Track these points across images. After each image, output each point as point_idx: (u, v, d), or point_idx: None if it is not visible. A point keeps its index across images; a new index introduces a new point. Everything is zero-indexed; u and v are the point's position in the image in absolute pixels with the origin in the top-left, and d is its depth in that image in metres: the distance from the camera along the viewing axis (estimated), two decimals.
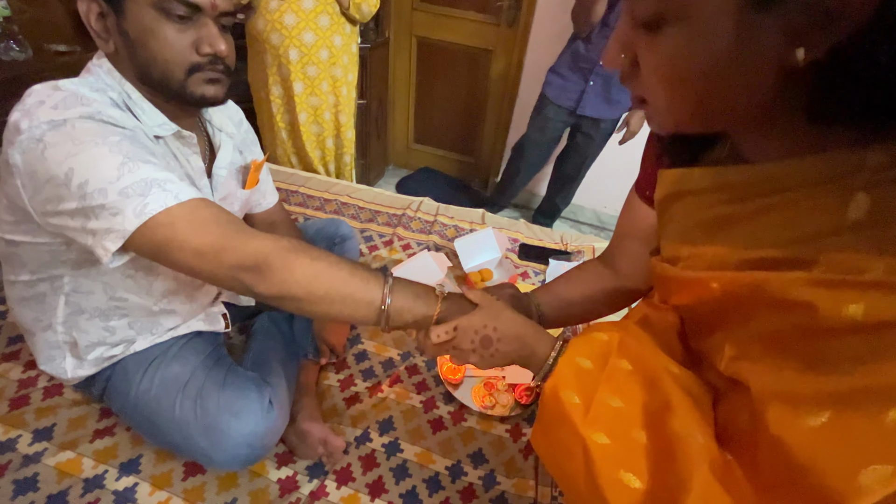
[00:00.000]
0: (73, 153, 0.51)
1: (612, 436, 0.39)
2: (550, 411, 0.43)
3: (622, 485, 0.37)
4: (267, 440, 0.71)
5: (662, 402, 0.39)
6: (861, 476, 0.25)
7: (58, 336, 0.71)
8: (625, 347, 0.44)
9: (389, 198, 1.51)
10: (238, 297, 0.92)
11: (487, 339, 0.51)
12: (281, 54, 1.43)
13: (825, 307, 0.28)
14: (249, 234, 0.55)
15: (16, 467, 0.73)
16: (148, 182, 0.52)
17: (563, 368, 0.45)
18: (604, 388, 0.41)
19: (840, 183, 0.29)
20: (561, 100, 1.69)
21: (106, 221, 0.51)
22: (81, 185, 0.51)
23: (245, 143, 0.86)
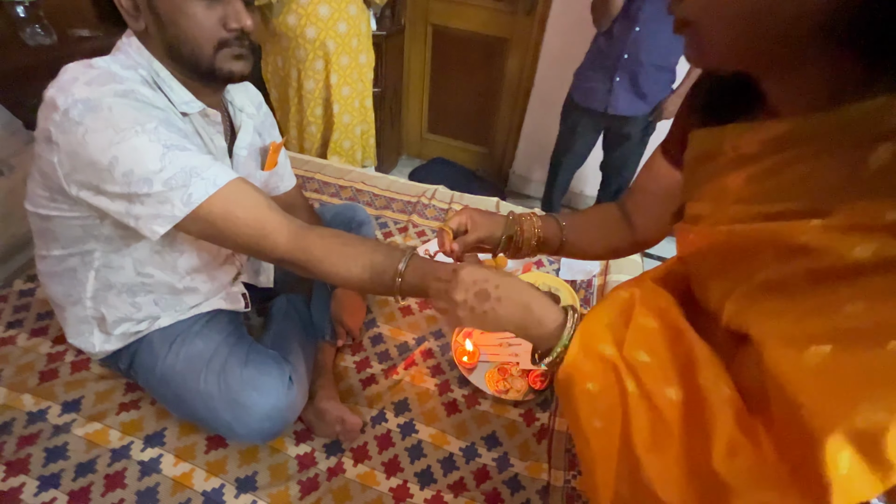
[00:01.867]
0: (116, 141, 0.54)
1: (642, 388, 0.38)
2: (582, 366, 0.42)
3: (659, 441, 0.37)
4: (287, 415, 0.72)
5: (688, 356, 0.39)
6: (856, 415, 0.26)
7: (87, 311, 0.73)
8: (646, 303, 0.44)
9: (404, 185, 1.52)
10: (257, 278, 0.94)
11: (485, 293, 0.47)
12: (318, 47, 1.42)
13: (835, 250, 0.28)
14: (282, 213, 0.62)
15: (47, 436, 0.75)
16: (188, 171, 0.56)
17: (591, 324, 0.44)
18: (629, 344, 0.41)
19: (864, 134, 0.29)
20: (589, 102, 1.63)
21: (153, 208, 0.56)
22: (126, 174, 0.54)
23: (264, 126, 0.87)
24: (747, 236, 0.35)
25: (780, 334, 0.31)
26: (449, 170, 2.55)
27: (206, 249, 0.76)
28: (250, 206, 0.59)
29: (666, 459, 0.37)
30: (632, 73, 1.51)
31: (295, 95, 1.54)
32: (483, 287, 0.47)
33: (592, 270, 1.22)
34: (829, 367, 0.28)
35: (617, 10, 1.40)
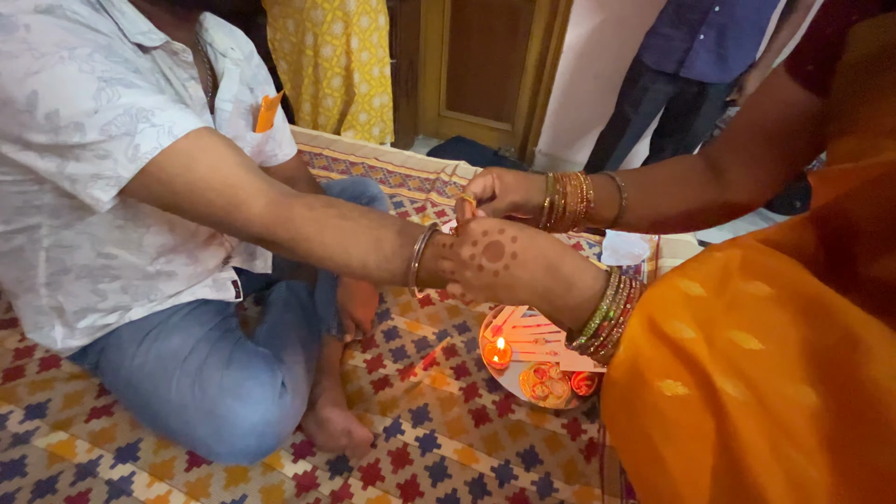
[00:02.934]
0: (35, 70, 0.39)
1: (755, 392, 0.24)
2: (651, 354, 0.28)
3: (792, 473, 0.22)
4: (279, 429, 0.59)
5: (842, 336, 0.24)
6: None
7: (42, 299, 0.61)
8: (754, 265, 0.29)
9: (421, 161, 1.36)
10: (252, 262, 0.81)
11: (497, 246, 0.35)
12: (336, 7, 1.26)
13: None
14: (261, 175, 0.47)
15: (4, 447, 0.64)
16: (134, 114, 0.41)
17: (660, 293, 0.30)
18: (725, 323, 0.27)
19: None
20: (662, 64, 1.42)
21: (91, 165, 0.42)
22: (50, 116, 0.40)
23: (256, 80, 0.72)
24: None
25: None
26: (469, 149, 2.38)
27: (180, 224, 0.61)
28: (218, 163, 0.44)
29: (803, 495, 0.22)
30: (720, 29, 1.30)
31: (309, 64, 1.38)
32: (496, 239, 0.36)
33: (641, 255, 1.05)
34: None
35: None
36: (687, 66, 1.38)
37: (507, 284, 0.35)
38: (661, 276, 0.32)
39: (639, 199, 0.50)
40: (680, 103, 1.52)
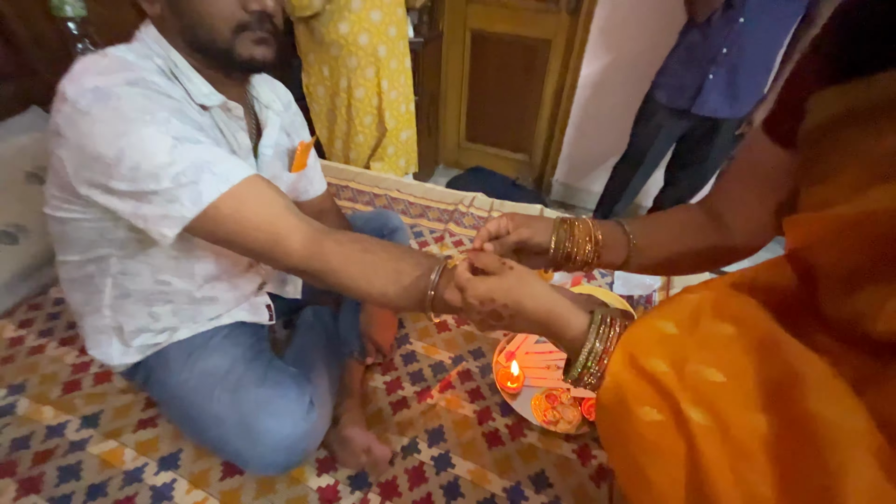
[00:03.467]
0: (123, 132, 0.49)
1: (717, 418, 0.29)
2: (631, 389, 0.33)
3: (749, 491, 0.27)
4: (307, 444, 0.64)
5: (787, 373, 0.29)
6: None
7: (105, 320, 0.69)
8: (722, 307, 0.34)
9: (441, 193, 1.44)
10: (283, 287, 0.88)
11: (496, 314, 0.44)
12: (370, 53, 1.37)
13: None
14: (300, 215, 0.55)
15: (62, 453, 0.71)
16: (200, 164, 0.50)
17: (640, 332, 0.35)
18: (696, 359, 0.31)
19: None
20: (674, 101, 1.48)
21: (161, 208, 0.51)
22: (133, 169, 0.49)
23: (293, 126, 0.81)
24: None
25: None
26: (487, 179, 2.45)
27: (225, 255, 0.70)
28: (264, 206, 0.52)
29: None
30: (730, 68, 1.35)
31: (343, 105, 1.49)
32: (492, 308, 0.44)
33: (653, 284, 1.08)
34: None
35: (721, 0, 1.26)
36: (699, 104, 1.42)
37: (512, 329, 0.45)
38: (642, 315, 0.37)
39: (646, 243, 0.55)
40: (693, 137, 1.56)
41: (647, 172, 1.71)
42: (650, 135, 1.58)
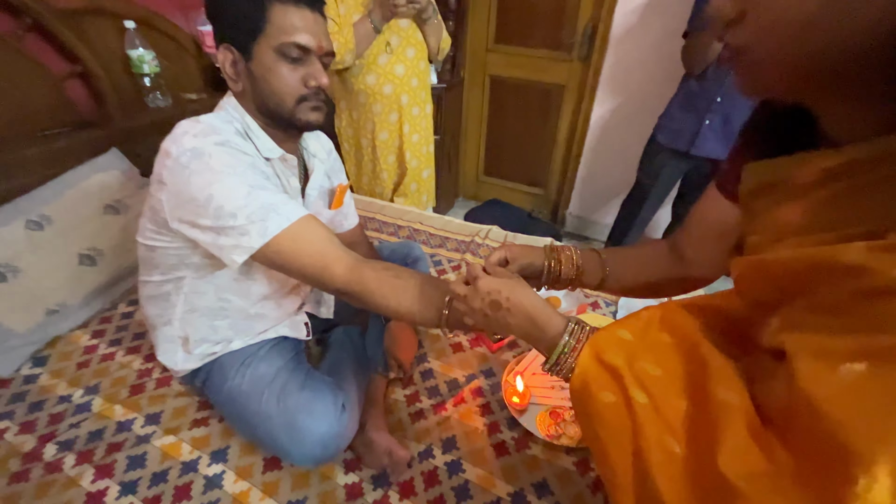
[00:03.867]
0: (212, 181, 0.63)
1: (652, 398, 0.39)
2: (595, 377, 0.43)
3: (663, 447, 0.37)
4: (339, 442, 0.75)
5: (701, 368, 0.40)
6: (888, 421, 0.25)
7: (174, 331, 0.83)
8: (665, 322, 0.45)
9: (458, 225, 1.57)
10: (318, 308, 1.01)
11: (497, 304, 0.53)
12: (393, 101, 1.56)
13: (878, 269, 0.28)
14: (343, 248, 0.68)
15: (130, 445, 0.83)
16: (267, 207, 0.64)
17: (603, 336, 0.45)
18: (643, 358, 0.42)
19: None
20: (675, 143, 1.60)
21: (234, 239, 0.64)
22: (217, 209, 0.63)
23: (333, 170, 0.96)
24: (800, 262, 0.34)
25: (814, 349, 0.31)
26: (504, 211, 2.58)
27: (275, 278, 0.83)
28: (315, 240, 0.66)
29: (673, 468, 0.36)
30: (725, 116, 1.47)
31: (369, 146, 1.66)
32: (496, 298, 0.54)
33: None
34: (866, 386, 0.27)
35: (715, 55, 1.38)
36: (697, 146, 1.53)
37: (502, 325, 0.54)
38: (608, 325, 0.47)
39: (618, 270, 0.66)
40: (696, 177, 1.66)
41: (652, 208, 1.81)
42: (654, 173, 1.69)
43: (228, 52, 0.70)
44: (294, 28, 0.68)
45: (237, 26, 0.67)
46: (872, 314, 0.29)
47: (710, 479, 0.34)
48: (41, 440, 0.84)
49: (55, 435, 0.85)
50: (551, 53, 2.12)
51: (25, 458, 0.81)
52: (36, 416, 0.88)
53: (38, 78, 1.22)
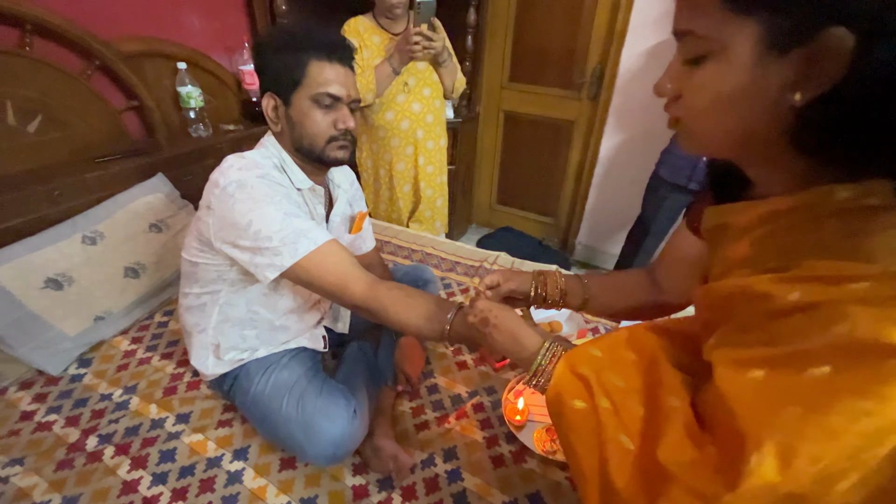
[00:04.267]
0: (253, 209, 0.74)
1: (614, 405, 0.46)
2: (568, 386, 0.51)
3: (619, 444, 0.44)
4: (350, 443, 0.82)
5: (657, 380, 0.47)
6: (778, 414, 0.33)
7: (208, 338, 0.93)
8: (631, 342, 0.52)
9: (469, 251, 1.66)
10: (335, 324, 1.10)
11: (486, 320, 0.63)
12: (409, 136, 1.71)
13: (779, 295, 0.35)
14: (362, 269, 0.78)
15: (162, 440, 0.92)
16: (298, 231, 0.75)
17: (577, 352, 0.53)
18: (610, 371, 0.49)
19: (817, 212, 0.37)
20: (675, 177, 1.70)
21: (269, 259, 0.74)
22: (256, 233, 0.74)
23: (355, 198, 1.07)
24: (729, 290, 0.42)
25: (731, 359, 0.38)
26: (516, 238, 2.67)
27: (300, 294, 0.93)
28: (338, 261, 0.76)
29: (625, 460, 0.43)
30: None
31: (387, 175, 1.80)
32: (485, 315, 0.64)
33: None
34: (762, 387, 0.35)
35: None
36: (695, 181, 1.62)
37: (489, 340, 0.62)
38: (583, 343, 0.55)
39: (599, 294, 0.74)
40: None
41: (657, 238, 1.87)
42: (656, 205, 1.78)
43: (271, 100, 0.82)
44: (327, 81, 0.80)
45: (280, 79, 0.80)
46: (773, 331, 0.36)
47: (652, 468, 0.41)
48: (84, 433, 0.94)
49: (97, 429, 0.94)
50: (562, 92, 2.25)
51: (70, 449, 0.90)
52: (80, 412, 0.98)
53: (101, 111, 1.39)
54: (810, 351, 0.33)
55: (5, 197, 1.12)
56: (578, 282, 0.75)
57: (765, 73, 0.35)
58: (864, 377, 0.30)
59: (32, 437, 0.93)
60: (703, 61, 0.38)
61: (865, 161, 0.35)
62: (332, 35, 0.82)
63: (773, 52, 0.34)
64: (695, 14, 0.37)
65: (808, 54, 0.32)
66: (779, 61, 0.34)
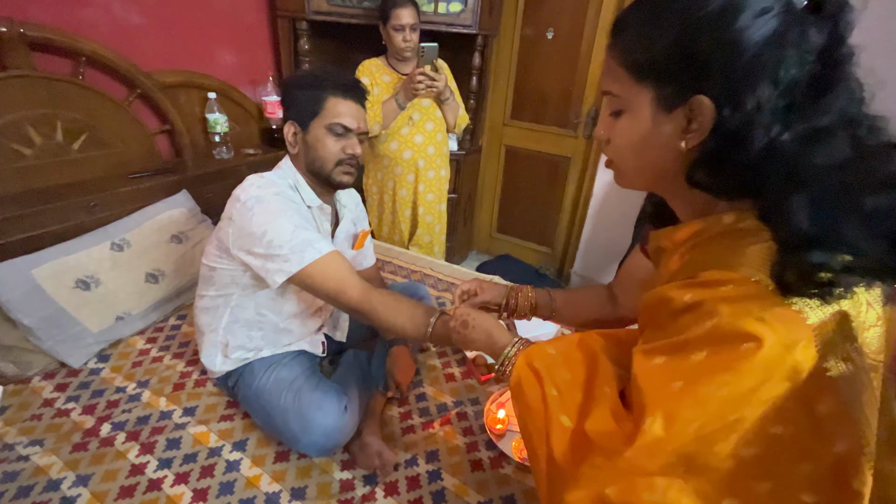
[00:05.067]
0: (268, 221, 0.86)
1: (560, 393, 0.55)
2: (525, 376, 0.60)
3: (560, 423, 0.52)
4: (340, 435, 0.90)
5: (596, 373, 0.56)
6: (667, 388, 0.41)
7: (218, 337, 1.02)
8: (581, 343, 0.61)
9: (464, 273, 1.76)
10: (334, 331, 1.20)
11: (465, 322, 0.74)
12: (411, 164, 1.86)
13: (677, 298, 0.45)
14: (358, 277, 0.89)
15: (169, 430, 1.01)
16: (306, 242, 0.86)
17: (535, 349, 0.62)
18: (559, 366, 0.58)
19: (711, 232, 0.47)
20: None
21: (279, 265, 0.85)
22: (269, 242, 0.85)
23: (358, 218, 1.19)
24: (652, 298, 0.52)
25: (643, 350, 0.48)
26: (514, 266, 2.77)
27: (304, 300, 1.03)
28: (339, 269, 0.86)
29: (563, 435, 0.52)
30: None
31: (390, 200, 1.94)
32: (465, 319, 0.73)
33: None
34: (660, 370, 0.44)
35: None
36: None
37: (470, 339, 0.72)
38: (542, 342, 0.64)
39: (565, 307, 0.84)
40: None
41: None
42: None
43: (292, 126, 0.96)
44: (341, 113, 0.93)
45: (302, 110, 0.93)
46: (673, 327, 0.45)
47: (582, 440, 0.50)
48: (99, 420, 1.02)
49: (111, 417, 1.03)
50: (559, 130, 2.41)
51: (86, 433, 0.99)
52: (97, 401, 1.08)
53: (138, 133, 1.55)
54: (693, 339, 0.42)
55: (48, 206, 1.26)
56: (547, 295, 0.85)
57: (660, 125, 0.46)
58: (727, 357, 0.40)
59: (52, 422, 1.02)
60: (620, 115, 0.50)
61: (737, 190, 0.45)
62: (348, 77, 0.96)
63: (663, 110, 0.45)
64: (612, 79, 0.49)
65: (686, 113, 0.44)
66: (668, 117, 0.45)
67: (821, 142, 0.40)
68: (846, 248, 0.38)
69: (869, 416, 0.40)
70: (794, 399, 0.39)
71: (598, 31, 2.13)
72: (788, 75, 0.39)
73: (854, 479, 0.40)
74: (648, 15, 0.45)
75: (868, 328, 0.39)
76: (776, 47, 0.39)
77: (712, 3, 0.40)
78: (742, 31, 0.39)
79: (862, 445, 0.39)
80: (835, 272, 0.37)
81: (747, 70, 0.39)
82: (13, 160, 1.28)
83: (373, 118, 1.64)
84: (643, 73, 0.45)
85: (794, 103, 0.40)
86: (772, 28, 0.39)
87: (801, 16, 0.39)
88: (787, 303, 0.39)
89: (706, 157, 0.44)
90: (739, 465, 0.42)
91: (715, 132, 0.42)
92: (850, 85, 0.40)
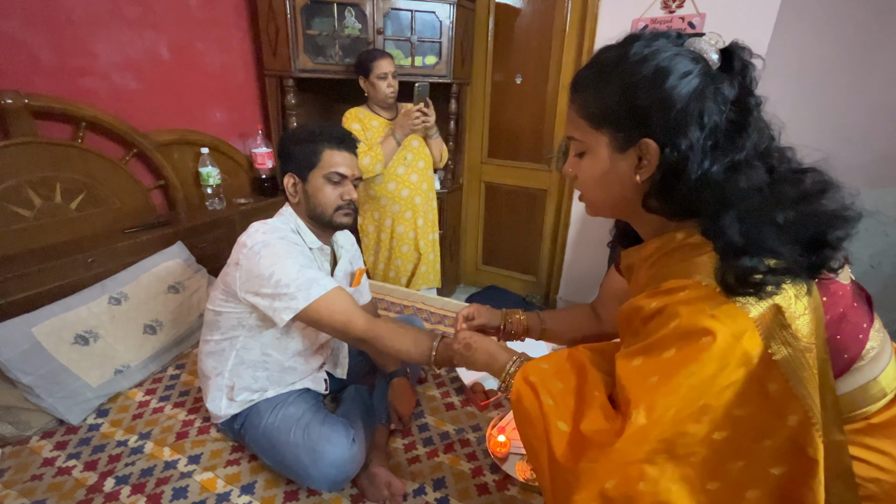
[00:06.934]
0: (275, 262, 0.92)
1: (555, 401, 0.60)
2: (522, 390, 0.65)
3: (557, 428, 0.58)
4: (349, 466, 0.93)
5: (586, 381, 0.62)
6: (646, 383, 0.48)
7: (224, 380, 1.05)
8: (571, 357, 0.67)
9: (455, 305, 1.82)
10: (335, 368, 1.23)
11: (468, 344, 0.80)
12: (408, 202, 1.98)
13: (646, 305, 0.52)
14: (361, 310, 0.94)
15: (175, 479, 1.01)
16: (311, 280, 0.92)
17: (530, 365, 0.68)
18: (553, 378, 0.64)
19: (667, 248, 0.56)
20: None
21: (286, 303, 0.90)
22: (276, 282, 0.91)
23: (355, 257, 1.26)
24: (628, 308, 0.59)
25: (623, 355, 0.55)
26: (501, 296, 2.84)
27: (307, 337, 1.08)
28: (343, 303, 0.92)
29: (562, 438, 0.57)
30: None
31: (387, 238, 2.04)
32: (468, 341, 0.79)
33: None
34: (639, 369, 0.51)
35: None
36: None
37: (472, 360, 0.77)
38: (537, 359, 0.71)
39: (554, 327, 0.91)
40: None
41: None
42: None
43: (291, 178, 1.04)
44: (336, 163, 1.02)
45: (300, 163, 1.02)
46: (645, 331, 0.53)
47: (579, 440, 0.55)
48: (102, 476, 1.02)
49: (114, 471, 1.03)
50: (534, 165, 2.56)
51: (89, 490, 0.98)
52: (98, 457, 1.07)
53: (134, 190, 1.60)
54: (662, 339, 0.50)
55: (47, 265, 1.29)
56: (537, 317, 0.93)
57: (616, 162, 0.56)
58: (691, 350, 0.47)
59: (53, 481, 1.01)
60: (583, 155, 0.60)
61: (683, 212, 0.54)
62: (341, 130, 1.06)
63: (618, 150, 0.55)
64: (574, 127, 0.59)
65: (637, 153, 0.54)
66: (622, 156, 0.55)
67: (741, 171, 0.50)
68: (769, 253, 0.47)
69: (811, 391, 0.47)
70: (749, 382, 0.47)
71: (562, 74, 2.33)
72: (711, 121, 0.49)
73: (808, 447, 0.47)
74: (598, 77, 0.56)
75: (798, 317, 0.47)
76: (699, 100, 0.49)
77: (646, 69, 0.51)
78: (671, 89, 0.50)
79: (810, 417, 0.47)
80: (764, 273, 0.46)
81: (679, 119, 0.50)
82: (13, 222, 1.31)
83: (374, 159, 1.75)
84: (599, 122, 0.56)
85: (717, 142, 0.50)
86: (693, 86, 0.50)
87: (715, 75, 0.50)
88: (731, 301, 0.47)
89: (656, 187, 0.54)
90: (714, 449, 0.48)
91: (660, 167, 0.52)
92: (760, 125, 0.51)
